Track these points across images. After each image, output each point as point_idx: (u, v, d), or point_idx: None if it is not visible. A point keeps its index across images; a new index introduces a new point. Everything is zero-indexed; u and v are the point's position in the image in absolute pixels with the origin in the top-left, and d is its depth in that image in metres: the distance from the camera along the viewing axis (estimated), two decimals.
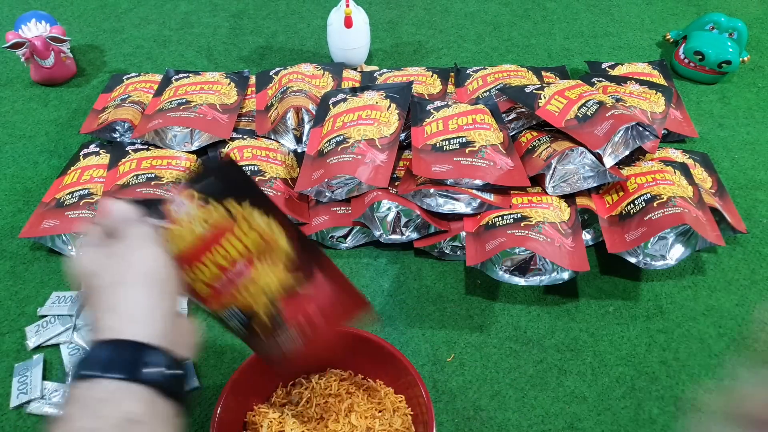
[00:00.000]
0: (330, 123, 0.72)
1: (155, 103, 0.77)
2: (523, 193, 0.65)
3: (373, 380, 0.51)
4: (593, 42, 0.96)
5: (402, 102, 0.72)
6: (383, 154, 0.67)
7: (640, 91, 0.76)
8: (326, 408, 0.48)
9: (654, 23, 1.01)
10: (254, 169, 0.68)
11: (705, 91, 0.87)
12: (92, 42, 0.97)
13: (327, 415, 0.47)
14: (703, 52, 0.84)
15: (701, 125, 0.81)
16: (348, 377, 0.51)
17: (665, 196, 0.61)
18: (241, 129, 0.76)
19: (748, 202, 0.71)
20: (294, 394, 0.49)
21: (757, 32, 0.98)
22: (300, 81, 0.79)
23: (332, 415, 0.47)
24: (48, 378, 0.55)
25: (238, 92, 0.79)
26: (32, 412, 0.52)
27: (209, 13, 1.03)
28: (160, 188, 0.64)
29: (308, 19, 1.02)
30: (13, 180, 0.74)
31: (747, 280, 0.63)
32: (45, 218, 0.65)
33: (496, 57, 0.93)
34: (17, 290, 0.62)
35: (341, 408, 0.48)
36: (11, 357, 0.56)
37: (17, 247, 0.66)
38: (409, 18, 1.02)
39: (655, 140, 0.67)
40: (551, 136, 0.68)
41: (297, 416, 0.47)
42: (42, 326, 0.58)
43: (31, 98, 0.86)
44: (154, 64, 0.92)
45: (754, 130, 0.81)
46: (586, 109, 0.67)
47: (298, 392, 0.50)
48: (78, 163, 0.71)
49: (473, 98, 0.79)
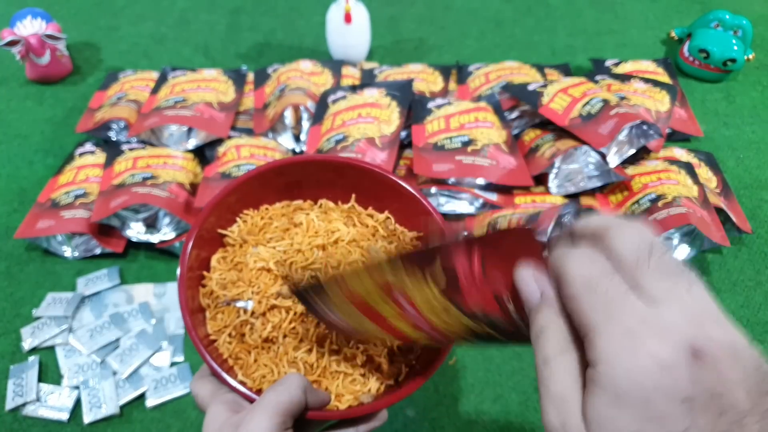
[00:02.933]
0: (329, 121, 0.71)
1: (152, 101, 0.76)
2: (526, 192, 0.64)
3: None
4: (597, 39, 0.95)
5: (403, 100, 0.71)
6: (383, 152, 0.66)
7: (645, 89, 0.75)
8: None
9: (658, 20, 1.00)
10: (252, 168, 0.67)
11: (710, 90, 0.86)
12: (88, 39, 0.96)
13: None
14: (708, 49, 0.83)
15: (706, 124, 0.80)
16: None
17: (670, 196, 0.60)
18: (238, 127, 0.75)
19: (753, 201, 0.70)
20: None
21: (762, 30, 0.97)
22: (299, 78, 0.77)
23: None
24: (43, 380, 0.54)
25: (236, 90, 0.78)
26: (28, 414, 0.52)
27: (206, 10, 1.02)
28: (157, 188, 0.63)
29: (307, 16, 1.01)
30: (7, 179, 0.73)
31: (752, 281, 0.62)
32: (40, 218, 0.64)
33: (498, 54, 0.92)
34: (12, 291, 0.61)
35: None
36: (6, 359, 0.56)
37: (12, 247, 0.65)
38: (410, 14, 1.01)
39: (659, 139, 0.66)
40: (555, 135, 0.67)
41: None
42: (37, 328, 0.57)
43: (26, 96, 0.85)
44: (150, 61, 0.91)
45: (759, 129, 0.80)
46: (590, 107, 0.66)
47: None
48: (73, 162, 0.70)
49: (475, 96, 0.78)
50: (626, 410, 0.16)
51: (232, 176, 0.65)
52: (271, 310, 0.35)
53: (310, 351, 0.35)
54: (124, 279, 0.62)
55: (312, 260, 0.36)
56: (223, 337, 0.35)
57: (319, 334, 0.35)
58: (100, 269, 0.62)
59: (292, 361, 0.34)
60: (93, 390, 0.53)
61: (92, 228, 0.63)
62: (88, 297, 0.60)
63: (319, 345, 0.35)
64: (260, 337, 0.35)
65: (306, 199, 0.42)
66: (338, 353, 0.35)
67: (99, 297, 0.60)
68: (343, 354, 0.35)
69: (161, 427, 0.52)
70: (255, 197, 0.40)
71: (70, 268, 0.63)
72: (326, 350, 0.35)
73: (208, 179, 0.66)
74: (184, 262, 0.35)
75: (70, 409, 0.52)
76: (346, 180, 0.41)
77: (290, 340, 0.35)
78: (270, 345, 0.35)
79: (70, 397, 0.53)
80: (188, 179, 0.67)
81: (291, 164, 0.40)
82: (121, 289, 0.61)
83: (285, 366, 0.34)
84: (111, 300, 0.60)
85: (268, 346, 0.35)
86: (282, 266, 0.36)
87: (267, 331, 0.34)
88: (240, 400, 0.31)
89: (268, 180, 0.40)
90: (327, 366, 0.34)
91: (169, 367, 0.55)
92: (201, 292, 0.37)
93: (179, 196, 0.64)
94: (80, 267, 0.63)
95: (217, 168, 0.67)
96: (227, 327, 0.35)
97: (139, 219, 0.62)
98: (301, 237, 0.37)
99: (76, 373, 0.54)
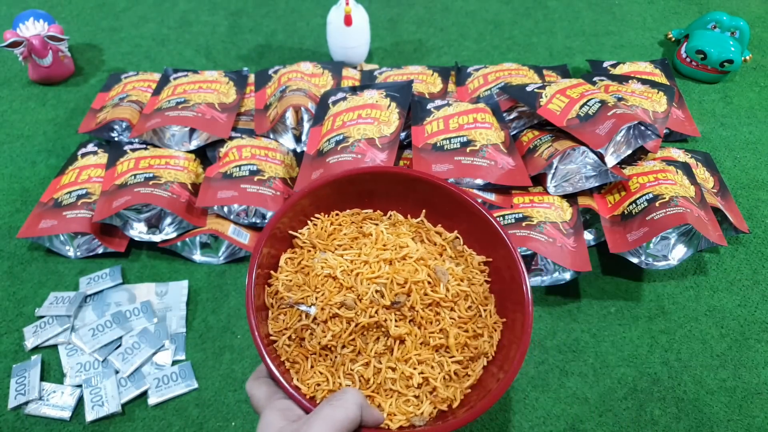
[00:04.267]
0: (329, 122, 0.71)
1: (153, 102, 0.76)
2: (524, 192, 0.65)
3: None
4: (595, 40, 0.96)
5: (402, 101, 0.71)
6: (383, 153, 0.67)
7: (642, 90, 0.75)
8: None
9: (656, 22, 1.00)
10: (253, 168, 0.67)
11: (707, 91, 0.86)
12: (90, 41, 0.96)
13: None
14: (705, 51, 0.84)
15: (703, 124, 0.80)
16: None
17: (667, 196, 0.61)
18: (240, 128, 0.76)
19: (750, 201, 0.71)
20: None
21: (759, 31, 0.97)
22: (299, 80, 0.78)
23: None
24: (46, 379, 0.55)
25: (237, 91, 0.79)
26: (30, 413, 0.52)
27: (208, 12, 1.03)
28: (158, 188, 0.64)
29: (308, 18, 1.01)
30: (10, 180, 0.74)
31: (749, 280, 0.63)
32: (43, 218, 0.64)
33: (497, 55, 0.93)
34: (15, 291, 0.62)
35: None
36: (9, 358, 0.56)
37: (15, 247, 0.66)
38: (410, 16, 1.02)
39: (657, 139, 0.67)
40: (553, 136, 0.68)
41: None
42: (40, 327, 0.57)
43: (28, 97, 0.86)
44: (152, 63, 0.92)
45: (756, 130, 0.80)
46: (588, 108, 0.67)
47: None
48: (76, 163, 0.71)
49: (474, 97, 0.79)
50: None
51: (233, 176, 0.66)
52: (332, 319, 0.35)
53: (367, 365, 0.34)
54: (126, 278, 0.63)
55: (378, 274, 0.36)
56: (282, 339, 0.35)
57: (377, 350, 0.34)
58: (102, 269, 0.63)
59: (349, 373, 0.34)
60: (95, 388, 0.53)
61: (94, 228, 0.63)
62: (90, 296, 0.61)
63: (377, 361, 0.34)
64: (319, 343, 0.34)
65: (376, 210, 0.42)
66: (394, 371, 0.34)
67: (101, 296, 0.60)
68: (400, 372, 0.34)
69: (163, 426, 0.52)
70: (327, 202, 0.40)
71: (72, 268, 0.64)
72: (384, 367, 0.34)
73: (210, 179, 0.67)
74: (255, 259, 0.35)
75: (72, 407, 0.52)
76: (418, 194, 0.41)
77: (348, 351, 0.34)
78: (328, 353, 0.35)
79: (73, 395, 0.53)
80: (190, 179, 0.68)
81: (365, 174, 0.40)
82: (123, 288, 0.61)
83: (341, 377, 0.34)
84: (113, 299, 0.60)
85: (326, 354, 0.35)
86: (348, 276, 0.36)
87: (326, 339, 0.34)
88: (294, 407, 0.31)
89: (342, 187, 0.40)
90: (382, 383, 0.34)
91: (170, 366, 0.55)
92: (266, 291, 0.37)
93: (181, 196, 0.65)
94: (82, 266, 0.64)
95: (218, 168, 0.68)
96: (288, 329, 0.35)
97: (142, 219, 0.63)
98: (369, 248, 0.37)
99: (78, 371, 0.55)
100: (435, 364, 0.35)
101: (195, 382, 0.54)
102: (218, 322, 0.59)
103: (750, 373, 0.55)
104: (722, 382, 0.55)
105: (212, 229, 0.63)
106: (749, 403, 0.53)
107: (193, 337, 0.58)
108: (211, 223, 0.64)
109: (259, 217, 0.65)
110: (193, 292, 0.62)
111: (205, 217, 0.65)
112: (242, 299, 0.61)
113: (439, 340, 0.35)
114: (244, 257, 0.65)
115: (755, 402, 0.53)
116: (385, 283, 0.35)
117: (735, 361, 0.56)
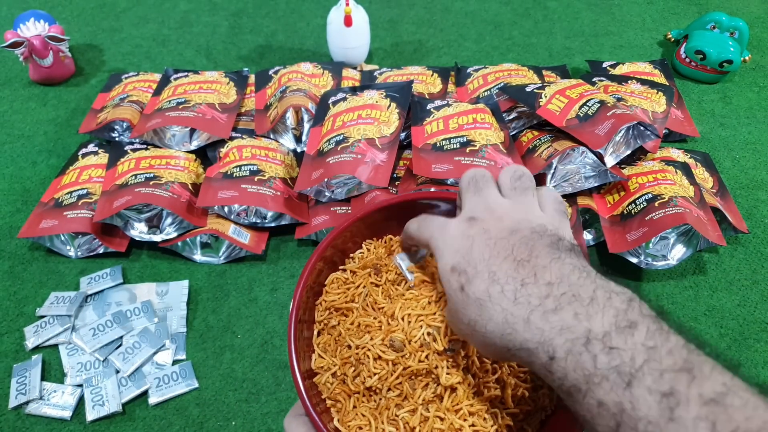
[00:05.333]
0: (330, 122, 0.71)
1: (154, 102, 0.76)
2: None
3: None
4: (594, 41, 0.96)
5: (402, 101, 0.72)
6: (383, 153, 0.67)
7: (642, 90, 0.76)
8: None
9: (655, 22, 1.00)
10: (254, 168, 0.67)
11: (706, 91, 0.86)
12: (91, 41, 0.97)
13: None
14: (705, 51, 0.84)
15: (702, 125, 0.81)
16: None
17: (666, 196, 0.61)
18: (240, 128, 0.76)
19: (749, 201, 0.71)
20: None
21: (758, 31, 0.98)
22: (299, 80, 0.78)
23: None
24: (47, 378, 0.55)
25: (238, 91, 0.79)
26: (31, 412, 0.52)
27: (208, 12, 1.03)
28: (159, 188, 0.64)
29: (308, 18, 1.01)
30: (11, 180, 0.74)
31: (748, 280, 0.63)
32: (43, 218, 0.64)
33: (496, 56, 0.93)
34: (16, 290, 0.62)
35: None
36: (10, 357, 0.56)
37: (16, 247, 0.66)
38: (410, 17, 1.02)
39: (656, 140, 0.67)
40: (552, 136, 0.68)
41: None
42: (41, 327, 0.58)
43: (29, 98, 0.86)
44: (152, 63, 0.92)
45: (755, 130, 0.80)
46: (587, 108, 0.67)
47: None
48: (77, 163, 0.71)
49: (474, 97, 0.79)
50: (447, 254, 0.27)
51: (233, 176, 0.66)
52: (377, 360, 0.32)
53: (413, 412, 0.32)
54: (126, 278, 0.63)
55: (431, 314, 0.32)
56: (326, 375, 0.33)
57: (426, 396, 0.32)
58: (102, 268, 0.63)
59: (393, 418, 0.32)
60: (96, 388, 0.53)
61: (95, 228, 0.63)
62: (91, 296, 0.61)
63: (424, 408, 0.32)
64: (362, 383, 0.32)
65: None
66: (443, 421, 0.32)
67: (102, 296, 0.61)
68: (449, 423, 0.32)
69: (163, 425, 0.52)
70: (381, 227, 0.38)
71: (73, 268, 0.64)
72: (431, 415, 0.32)
73: (210, 179, 0.67)
74: (304, 279, 0.33)
75: (72, 407, 0.52)
76: None
77: (394, 395, 0.32)
78: (372, 395, 0.33)
79: (73, 395, 0.53)
80: (190, 179, 0.68)
81: (419, 199, 0.38)
82: (123, 288, 0.61)
83: (384, 423, 0.32)
84: (114, 299, 0.60)
85: (370, 395, 0.33)
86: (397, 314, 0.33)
87: (372, 381, 0.32)
88: None
89: (398, 211, 0.37)
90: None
91: (171, 365, 0.56)
92: (317, 309, 0.35)
93: (182, 196, 0.65)
94: (83, 266, 0.64)
95: (219, 168, 0.68)
96: (334, 366, 0.33)
97: (142, 219, 0.63)
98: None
99: (78, 371, 0.55)
100: (488, 416, 0.32)
101: (195, 381, 0.55)
102: (219, 321, 0.59)
103: (749, 372, 0.55)
104: None
105: (213, 229, 0.63)
106: None
107: (194, 337, 0.58)
108: (212, 223, 0.64)
109: (259, 217, 0.65)
110: (194, 292, 0.62)
111: (205, 217, 0.65)
112: (242, 299, 0.61)
113: (495, 391, 0.32)
114: (245, 257, 0.65)
115: None
116: (438, 327, 0.32)
117: None
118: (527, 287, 0.24)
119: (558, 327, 0.23)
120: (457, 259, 0.27)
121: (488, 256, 0.26)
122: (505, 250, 0.26)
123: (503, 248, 0.26)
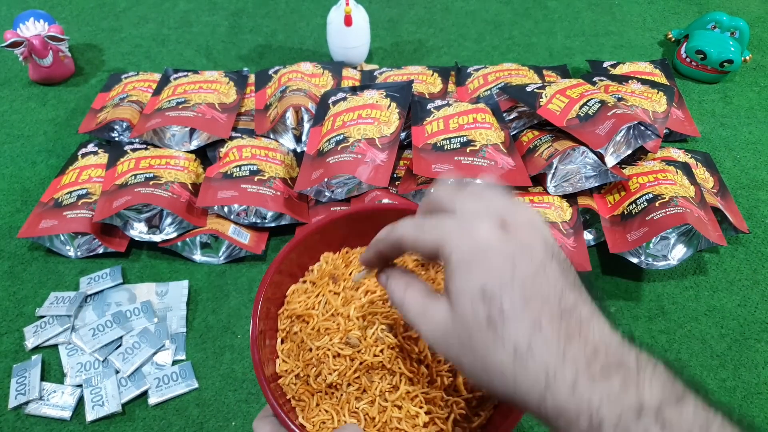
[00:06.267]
0: (330, 122, 0.71)
1: (154, 102, 0.76)
2: (524, 192, 0.65)
3: None
4: (595, 41, 0.96)
5: (402, 101, 0.72)
6: (383, 153, 0.67)
7: (642, 90, 0.76)
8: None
9: (656, 22, 1.00)
10: (253, 168, 0.67)
11: (707, 91, 0.86)
12: (90, 41, 0.97)
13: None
14: (705, 51, 0.84)
15: (703, 125, 0.80)
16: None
17: (667, 196, 0.61)
18: (240, 128, 0.76)
19: (750, 201, 0.71)
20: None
21: (758, 31, 0.98)
22: (299, 80, 0.78)
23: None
24: (46, 379, 0.55)
25: (237, 91, 0.79)
26: (30, 413, 0.52)
27: (208, 12, 1.03)
28: (159, 188, 0.64)
29: (308, 18, 1.01)
30: (11, 180, 0.74)
31: (749, 280, 0.63)
32: (43, 218, 0.64)
33: (497, 56, 0.93)
34: (15, 290, 0.62)
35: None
36: (9, 358, 0.56)
37: (15, 247, 0.66)
38: (410, 16, 1.02)
39: (656, 140, 0.67)
40: (553, 136, 0.68)
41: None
42: (40, 327, 0.57)
43: (29, 97, 0.86)
44: (152, 63, 0.92)
45: (756, 130, 0.80)
46: (588, 108, 0.67)
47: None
48: (76, 163, 0.71)
49: (474, 97, 0.79)
50: (475, 270, 0.22)
51: (233, 176, 0.66)
52: (336, 358, 0.34)
53: (372, 403, 0.34)
54: (126, 278, 0.63)
55: (387, 311, 0.35)
56: (290, 377, 0.35)
57: (383, 388, 0.34)
58: (102, 268, 0.63)
59: (354, 411, 0.34)
60: (95, 388, 0.53)
61: (95, 228, 0.63)
62: (90, 296, 0.61)
63: (382, 399, 0.34)
64: (324, 381, 0.34)
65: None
66: (401, 410, 0.34)
67: (101, 296, 0.60)
68: (406, 411, 0.34)
69: (163, 425, 0.52)
70: (338, 239, 0.40)
71: (72, 268, 0.64)
72: (389, 405, 0.34)
73: (210, 179, 0.67)
74: (261, 293, 0.35)
75: (72, 407, 0.52)
76: None
77: (353, 389, 0.34)
78: (333, 391, 0.35)
79: (73, 395, 0.53)
80: (190, 179, 0.68)
81: (380, 210, 0.40)
82: (123, 288, 0.61)
83: (345, 415, 0.34)
84: (113, 299, 0.60)
85: (332, 392, 0.35)
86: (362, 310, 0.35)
87: (332, 377, 0.34)
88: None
89: (353, 223, 0.39)
90: (388, 421, 0.33)
91: (171, 366, 0.55)
92: (279, 318, 0.37)
93: (181, 196, 0.65)
94: (83, 266, 0.64)
95: (218, 168, 0.68)
96: (297, 368, 0.35)
97: (142, 219, 0.63)
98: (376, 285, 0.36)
99: (78, 371, 0.55)
100: (443, 404, 0.34)
101: (195, 381, 0.55)
102: (218, 321, 0.59)
103: (750, 373, 0.55)
104: (722, 382, 0.55)
105: (212, 229, 0.63)
106: (749, 403, 0.53)
107: (194, 337, 0.58)
108: (212, 223, 0.64)
109: (259, 217, 0.65)
110: (194, 292, 0.62)
111: (205, 217, 0.65)
112: (242, 299, 0.61)
113: (448, 380, 0.34)
114: (245, 257, 0.65)
115: (755, 402, 0.53)
116: (391, 324, 0.34)
117: (735, 361, 0.56)
118: (573, 344, 0.21)
119: (606, 395, 0.20)
120: (491, 283, 0.22)
121: (530, 293, 0.21)
122: (550, 286, 0.22)
123: (549, 283, 0.22)
